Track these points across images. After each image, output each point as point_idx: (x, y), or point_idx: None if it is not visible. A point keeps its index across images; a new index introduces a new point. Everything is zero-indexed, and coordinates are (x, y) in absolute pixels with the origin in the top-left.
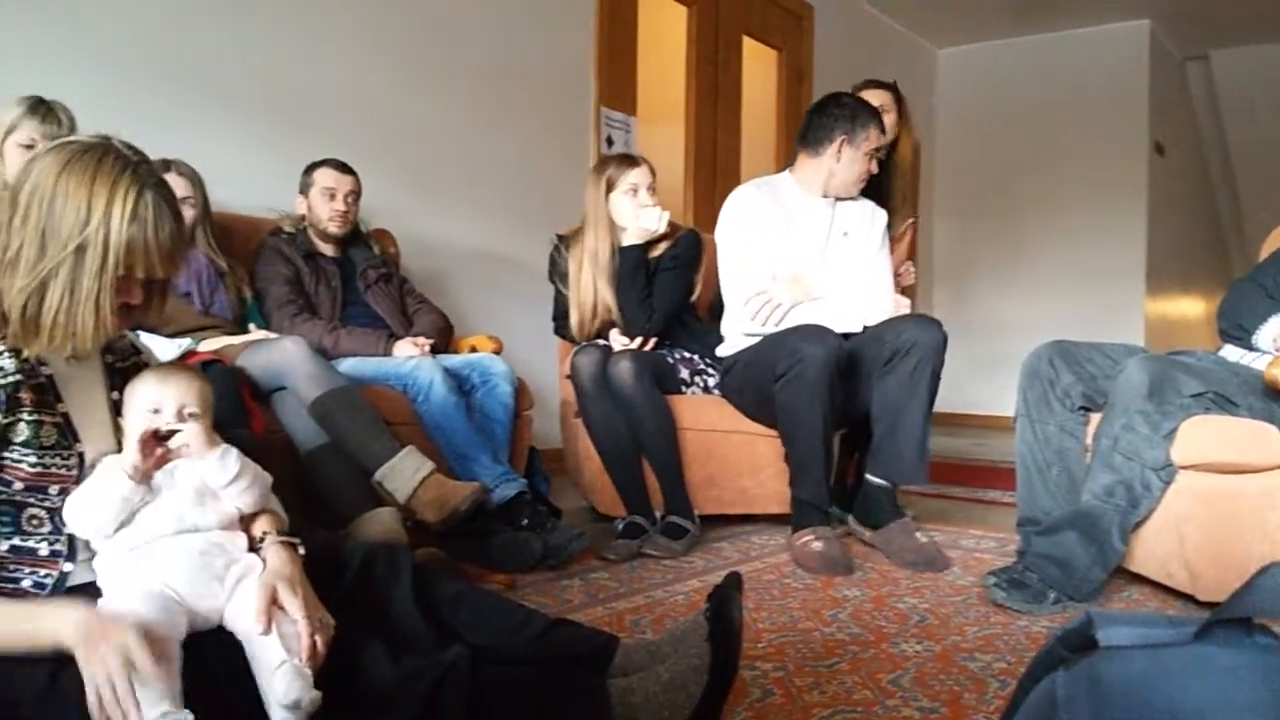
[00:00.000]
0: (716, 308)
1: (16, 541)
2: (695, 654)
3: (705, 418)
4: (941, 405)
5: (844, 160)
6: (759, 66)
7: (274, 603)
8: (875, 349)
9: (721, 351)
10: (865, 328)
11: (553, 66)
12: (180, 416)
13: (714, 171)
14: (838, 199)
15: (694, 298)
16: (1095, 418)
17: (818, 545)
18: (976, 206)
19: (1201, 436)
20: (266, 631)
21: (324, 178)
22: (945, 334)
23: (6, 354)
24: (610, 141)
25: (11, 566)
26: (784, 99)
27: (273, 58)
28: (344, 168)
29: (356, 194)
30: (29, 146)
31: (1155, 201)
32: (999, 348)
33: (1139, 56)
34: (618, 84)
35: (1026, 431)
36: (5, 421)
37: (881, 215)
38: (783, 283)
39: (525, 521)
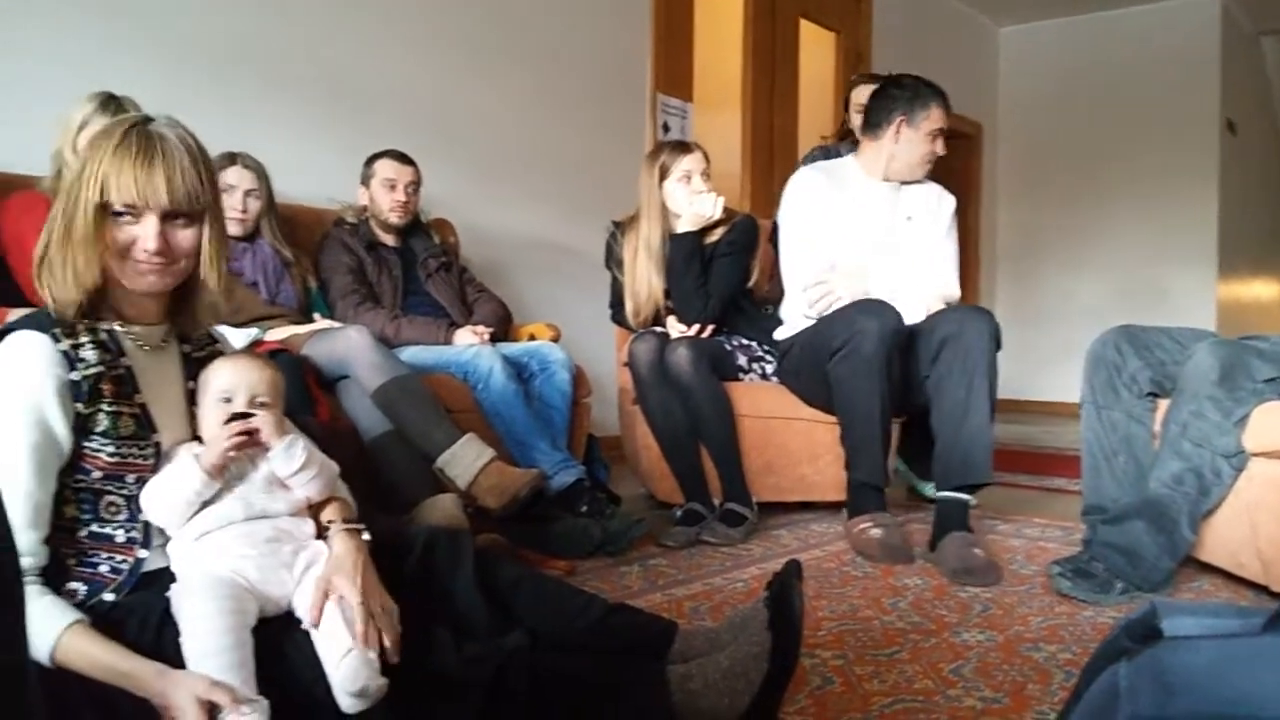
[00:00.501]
0: (766, 293)
1: (95, 528)
2: (755, 641)
3: (763, 404)
4: (1006, 392)
5: (903, 142)
6: (816, 49)
7: (328, 596)
8: (925, 342)
9: (779, 335)
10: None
11: (609, 53)
12: (251, 405)
13: (771, 157)
14: (902, 182)
15: (751, 283)
16: (1163, 404)
17: (877, 533)
18: (1040, 188)
19: (1274, 423)
20: (315, 624)
21: (384, 169)
22: (996, 323)
23: (89, 345)
24: (666, 128)
25: (90, 551)
26: (842, 82)
27: (333, 50)
28: (404, 158)
29: (416, 184)
30: None
31: (1227, 181)
32: (1065, 333)
33: (1209, 31)
34: (674, 70)
35: (1092, 418)
36: (86, 411)
37: (949, 199)
38: (843, 274)
39: (584, 508)
